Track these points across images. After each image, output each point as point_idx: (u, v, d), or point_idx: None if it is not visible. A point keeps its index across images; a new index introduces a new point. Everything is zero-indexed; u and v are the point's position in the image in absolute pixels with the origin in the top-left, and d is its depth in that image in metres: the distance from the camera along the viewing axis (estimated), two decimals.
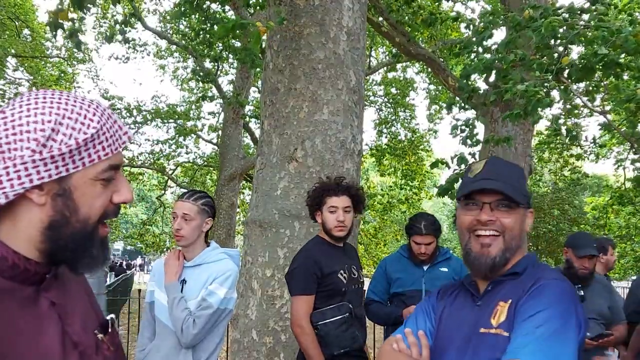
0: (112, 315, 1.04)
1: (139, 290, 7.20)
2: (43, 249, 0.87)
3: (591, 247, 3.41)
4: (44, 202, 0.84)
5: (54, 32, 3.85)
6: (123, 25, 6.79)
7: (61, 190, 0.85)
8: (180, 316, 2.27)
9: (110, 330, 1.00)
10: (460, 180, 5.96)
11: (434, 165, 6.17)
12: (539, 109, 4.47)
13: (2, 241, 0.86)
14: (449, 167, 5.88)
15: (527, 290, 1.30)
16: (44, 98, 0.85)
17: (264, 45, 4.19)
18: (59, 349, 0.87)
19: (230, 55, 10.25)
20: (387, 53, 13.27)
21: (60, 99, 0.86)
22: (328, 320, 2.60)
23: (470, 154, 5.84)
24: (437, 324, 1.47)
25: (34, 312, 0.86)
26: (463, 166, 5.81)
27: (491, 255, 1.36)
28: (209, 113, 15.40)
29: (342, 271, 2.70)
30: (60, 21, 3.86)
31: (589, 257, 3.42)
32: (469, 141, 5.92)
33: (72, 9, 3.91)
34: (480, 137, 6.73)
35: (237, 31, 3.66)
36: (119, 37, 7.57)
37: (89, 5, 3.88)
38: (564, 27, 4.48)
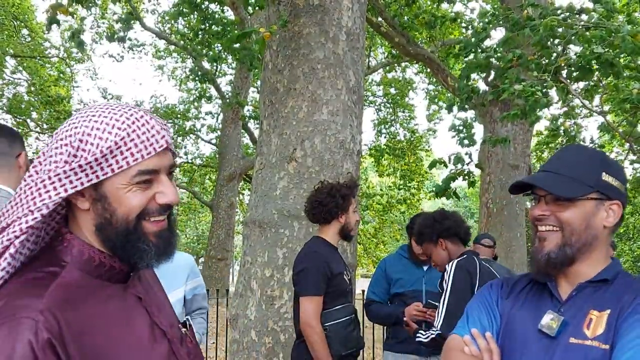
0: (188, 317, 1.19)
1: None
2: (106, 249, 0.96)
3: None
4: (88, 207, 0.93)
5: (49, 27, 3.84)
6: (123, 25, 6.78)
7: (97, 196, 0.92)
8: (202, 327, 2.70)
9: (189, 327, 1.12)
10: (456, 180, 5.99)
11: (432, 165, 6.16)
12: (537, 110, 4.47)
13: (88, 243, 0.95)
14: (447, 167, 5.88)
15: (631, 302, 1.20)
16: (82, 112, 0.93)
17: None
18: (149, 336, 0.97)
19: (229, 55, 10.24)
20: (386, 53, 13.26)
21: (94, 110, 0.92)
22: (337, 321, 2.61)
23: (467, 154, 5.85)
24: (503, 324, 1.34)
25: (121, 305, 0.96)
26: (459, 166, 5.82)
27: (544, 250, 1.27)
28: (207, 113, 15.38)
29: (345, 272, 2.72)
30: (60, 17, 3.84)
31: None
32: (466, 141, 5.93)
33: (70, 5, 3.89)
34: (480, 136, 6.74)
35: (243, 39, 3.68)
36: (118, 35, 7.55)
37: (88, 2, 3.87)
38: (563, 27, 4.48)
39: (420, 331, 2.62)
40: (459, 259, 2.57)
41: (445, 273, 2.53)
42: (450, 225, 2.67)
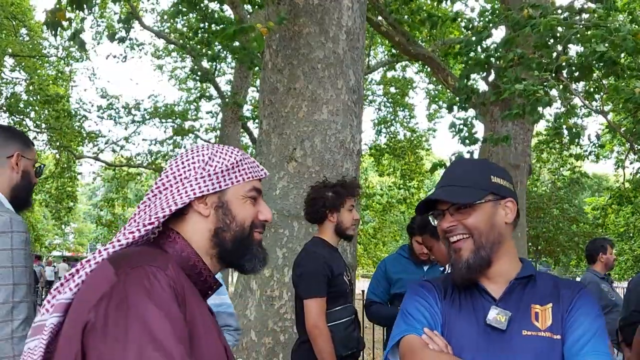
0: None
1: None
2: (213, 254, 1.11)
3: None
4: (208, 214, 1.10)
5: (54, 32, 3.81)
6: (124, 24, 6.76)
7: (220, 203, 1.10)
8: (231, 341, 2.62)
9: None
10: None
11: (434, 168, 6.12)
12: (538, 108, 4.46)
13: (195, 250, 1.08)
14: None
15: (571, 297, 1.35)
16: (197, 148, 1.15)
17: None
18: (220, 346, 1.08)
19: (228, 54, 10.22)
20: (386, 52, 13.25)
21: (208, 146, 1.15)
22: (338, 322, 2.60)
23: (468, 152, 5.83)
24: (445, 323, 1.39)
25: (205, 311, 1.08)
26: None
27: (463, 259, 1.36)
28: (207, 113, 15.36)
29: (345, 273, 2.70)
30: (59, 20, 3.82)
31: None
32: (467, 141, 5.91)
33: (69, 9, 3.88)
34: (480, 136, 6.73)
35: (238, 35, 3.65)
36: (120, 35, 7.55)
37: (87, 5, 3.85)
38: (563, 27, 4.47)
39: None
40: None
41: (447, 272, 2.52)
42: None
